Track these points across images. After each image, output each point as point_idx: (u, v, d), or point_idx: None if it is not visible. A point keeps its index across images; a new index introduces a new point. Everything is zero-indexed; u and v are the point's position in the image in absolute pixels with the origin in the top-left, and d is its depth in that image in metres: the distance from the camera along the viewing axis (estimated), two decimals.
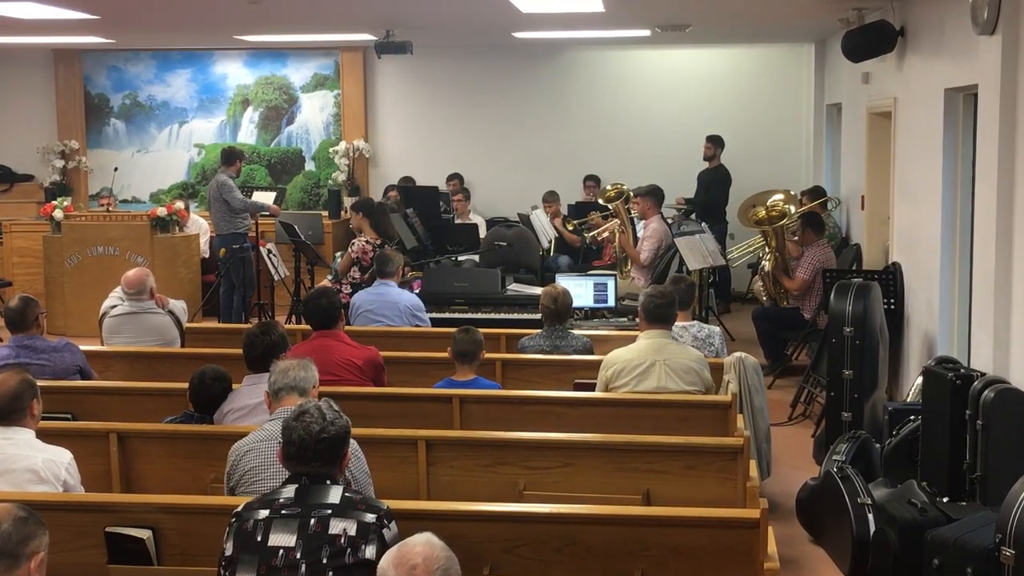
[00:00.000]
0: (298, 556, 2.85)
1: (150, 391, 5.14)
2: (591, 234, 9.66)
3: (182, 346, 6.31)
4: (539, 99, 11.69)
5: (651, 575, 3.24)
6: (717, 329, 5.76)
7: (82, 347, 5.55)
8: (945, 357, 5.38)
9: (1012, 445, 4.40)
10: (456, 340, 5.13)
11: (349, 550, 2.87)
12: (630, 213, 9.12)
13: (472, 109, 11.79)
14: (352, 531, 2.89)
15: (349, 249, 8.05)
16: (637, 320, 5.24)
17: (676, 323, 5.57)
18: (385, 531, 2.92)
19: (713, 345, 5.59)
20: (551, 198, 10.53)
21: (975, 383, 4.59)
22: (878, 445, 5.33)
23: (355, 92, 11.82)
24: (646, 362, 4.88)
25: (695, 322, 5.74)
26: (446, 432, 4.40)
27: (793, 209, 8.44)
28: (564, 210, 10.54)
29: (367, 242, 7.99)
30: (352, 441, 3.51)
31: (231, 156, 9.60)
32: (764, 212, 8.31)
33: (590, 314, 7.48)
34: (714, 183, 10.55)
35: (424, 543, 2.42)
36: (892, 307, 6.82)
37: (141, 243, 9.63)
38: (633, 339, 5.20)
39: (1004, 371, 4.78)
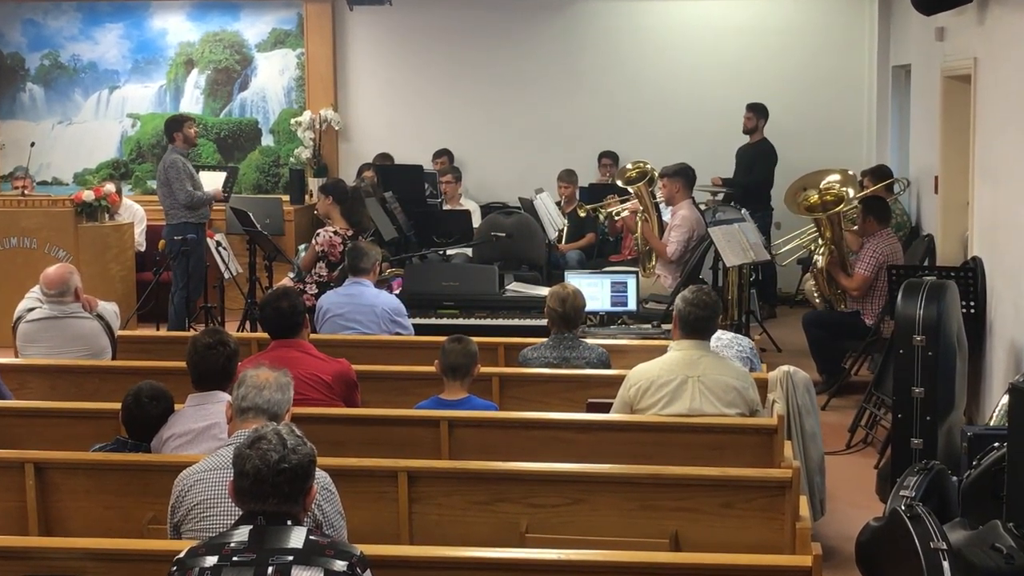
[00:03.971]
0: None
1: (75, 413, 5.14)
2: (607, 211, 9.65)
3: (113, 358, 6.31)
4: (545, 60, 11.68)
5: None
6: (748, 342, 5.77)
7: None
8: None
9: None
10: (446, 351, 5.13)
11: None
12: (655, 197, 9.11)
13: (463, 72, 11.78)
14: None
15: (314, 241, 8.06)
16: (665, 328, 5.24)
17: None
18: None
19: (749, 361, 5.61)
20: (568, 178, 10.52)
21: None
22: (955, 478, 5.32)
23: (322, 51, 11.81)
24: (676, 379, 4.88)
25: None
26: (432, 462, 4.40)
27: (852, 193, 8.43)
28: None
29: (336, 232, 7.99)
30: (324, 474, 3.53)
31: (168, 128, 9.56)
32: (817, 196, 8.30)
33: (606, 319, 7.47)
34: (756, 161, 10.55)
35: None
36: (972, 311, 6.81)
37: (64, 234, 9.61)
38: (659, 350, 5.20)
39: None
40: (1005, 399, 5.45)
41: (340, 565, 2.92)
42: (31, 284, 6.46)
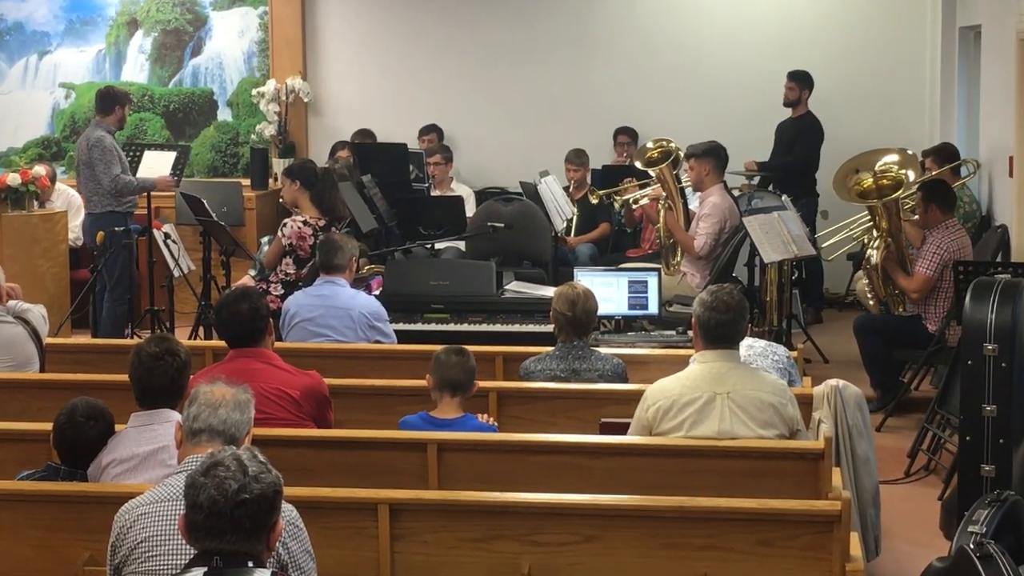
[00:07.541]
0: None
1: None
2: (624, 198, 9.65)
3: (42, 369, 6.30)
4: (551, 21, 11.68)
5: None
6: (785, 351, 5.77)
7: None
8: None
9: None
10: (441, 363, 5.14)
11: None
12: (680, 182, 9.11)
13: (455, 35, 11.78)
14: None
15: (280, 232, 8.06)
16: (691, 334, 5.24)
17: None
18: None
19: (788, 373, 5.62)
20: (578, 159, 10.52)
21: None
22: None
23: (289, 10, 11.81)
24: (702, 397, 4.89)
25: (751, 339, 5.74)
26: (418, 493, 4.40)
27: (912, 176, 8.44)
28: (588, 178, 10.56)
29: (305, 223, 7.99)
30: (290, 507, 3.53)
31: (109, 100, 9.57)
32: (871, 180, 8.30)
33: (623, 325, 7.47)
34: (799, 139, 10.55)
35: None
36: None
37: None
38: (685, 360, 5.20)
39: None
40: None
41: None
42: None
